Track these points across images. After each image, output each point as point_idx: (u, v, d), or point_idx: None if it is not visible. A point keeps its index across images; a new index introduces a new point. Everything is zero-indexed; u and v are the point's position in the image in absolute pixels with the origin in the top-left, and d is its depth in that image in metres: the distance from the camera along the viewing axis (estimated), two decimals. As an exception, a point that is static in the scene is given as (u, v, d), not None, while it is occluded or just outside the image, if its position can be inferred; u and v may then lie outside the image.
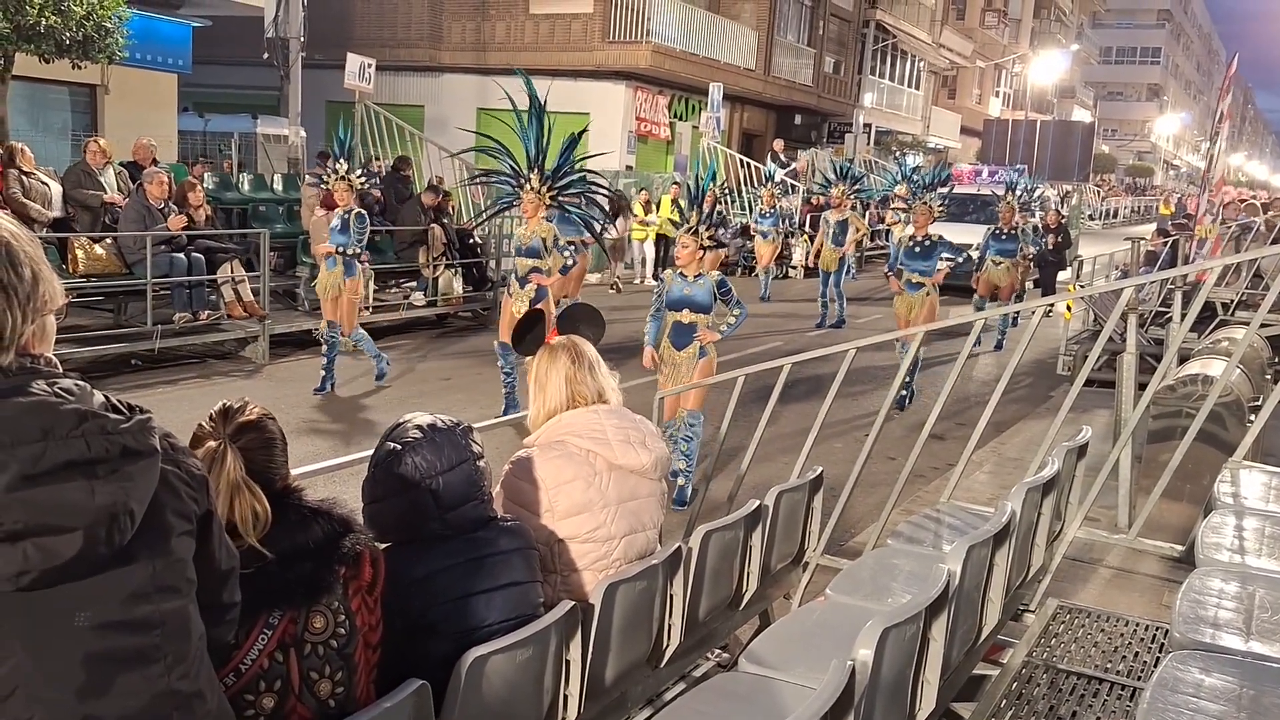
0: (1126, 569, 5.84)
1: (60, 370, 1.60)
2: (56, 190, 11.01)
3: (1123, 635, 4.46)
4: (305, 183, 14.08)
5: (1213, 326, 10.50)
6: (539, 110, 8.81)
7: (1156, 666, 3.02)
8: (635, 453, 3.30)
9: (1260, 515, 4.42)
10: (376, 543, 2.51)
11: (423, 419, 2.79)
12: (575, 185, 9.20)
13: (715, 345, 7.43)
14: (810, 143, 32.95)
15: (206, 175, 14.51)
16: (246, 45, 17.65)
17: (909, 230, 11.16)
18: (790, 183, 24.90)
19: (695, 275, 7.27)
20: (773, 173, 23.66)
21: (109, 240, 10.68)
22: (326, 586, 2.25)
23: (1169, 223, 22.65)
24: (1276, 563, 3.85)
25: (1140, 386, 6.06)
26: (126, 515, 1.53)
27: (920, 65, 41.22)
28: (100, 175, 11.21)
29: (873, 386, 10.66)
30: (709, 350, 7.34)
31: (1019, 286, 16.47)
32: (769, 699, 3.22)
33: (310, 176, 13.97)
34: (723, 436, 5.85)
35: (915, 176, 15.33)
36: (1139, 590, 5.56)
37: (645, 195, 20.36)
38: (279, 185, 15.14)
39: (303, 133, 16.59)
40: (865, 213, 23.87)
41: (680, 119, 28.32)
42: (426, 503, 2.69)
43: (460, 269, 14.42)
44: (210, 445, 2.24)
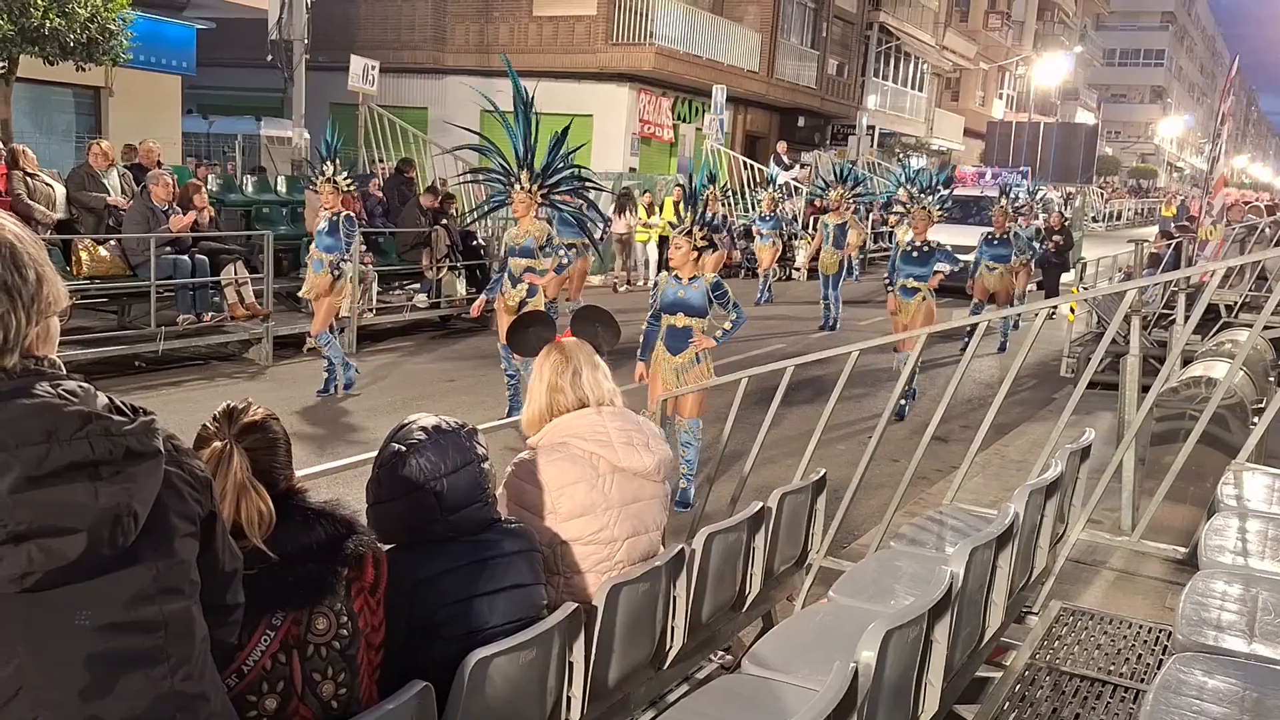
0: (1130, 571, 5.83)
1: (64, 372, 1.60)
2: (60, 192, 11.03)
3: (1126, 637, 4.46)
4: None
5: (1216, 329, 10.50)
6: (525, 108, 8.68)
7: (1160, 669, 3.01)
8: (638, 455, 3.30)
9: (1263, 517, 4.42)
10: (380, 544, 2.51)
11: (427, 420, 2.79)
12: (566, 183, 9.11)
13: (711, 352, 7.25)
14: (813, 145, 32.96)
15: (210, 177, 14.54)
16: (250, 47, 17.70)
17: (908, 235, 11.11)
18: (794, 185, 24.90)
19: (690, 278, 7.13)
20: (774, 175, 23.64)
21: (113, 242, 10.69)
22: (329, 588, 2.26)
23: (1171, 224, 22.66)
24: (1279, 565, 3.85)
25: (1143, 389, 6.06)
26: (130, 517, 1.54)
27: (924, 67, 41.23)
28: (104, 177, 11.23)
29: (875, 389, 10.66)
30: (704, 357, 7.19)
31: (1020, 291, 16.42)
32: (772, 701, 3.21)
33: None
34: (725, 439, 5.85)
35: (918, 179, 15.31)
36: (1142, 593, 5.55)
37: (649, 197, 20.38)
38: (282, 187, 15.16)
39: (306, 135, 16.60)
40: (868, 215, 23.88)
41: (683, 121, 28.34)
42: (430, 505, 2.69)
43: (463, 270, 14.43)
44: (216, 446, 2.24)
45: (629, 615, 3.14)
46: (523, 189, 8.76)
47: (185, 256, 10.92)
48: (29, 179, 10.60)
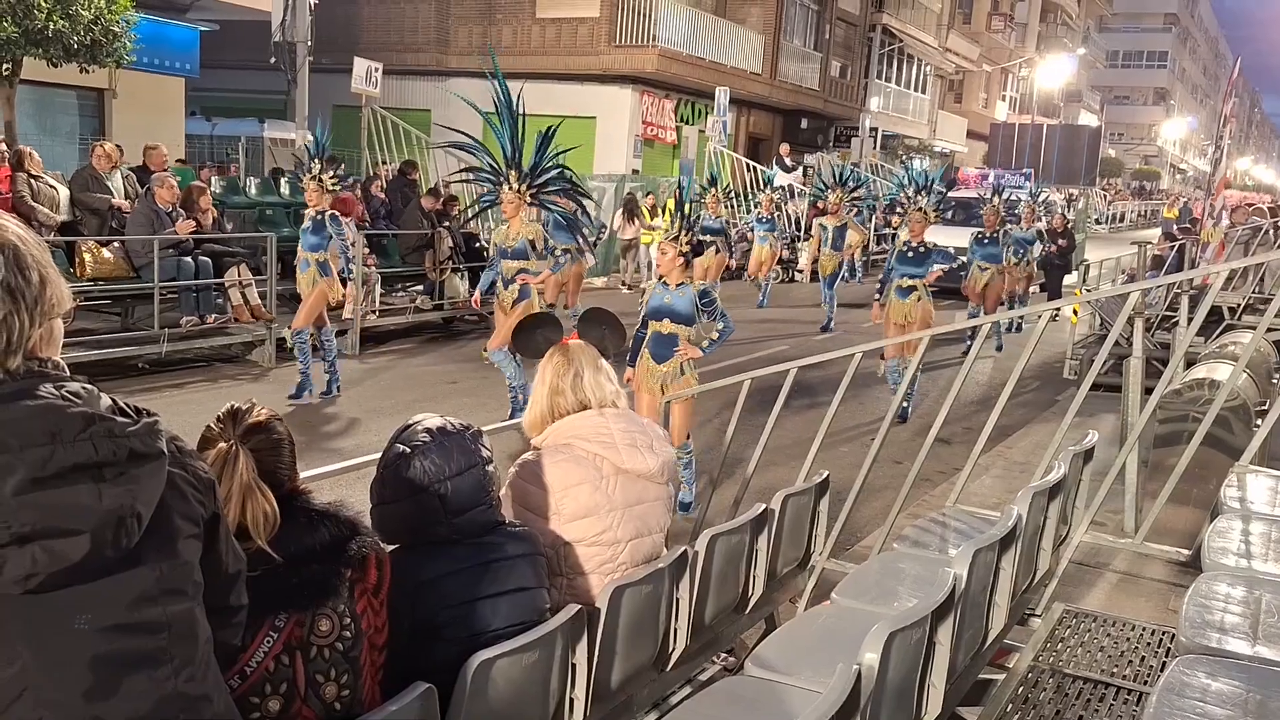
0: (1133, 573, 5.83)
1: (68, 374, 1.60)
2: (64, 194, 11.05)
3: (1129, 640, 4.45)
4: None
5: (1219, 331, 10.48)
6: (510, 107, 8.59)
7: (1163, 671, 3.01)
8: (642, 457, 3.30)
9: (1267, 520, 4.41)
10: (384, 545, 2.51)
11: (432, 422, 2.79)
12: (554, 183, 9.01)
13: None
14: (816, 147, 32.96)
15: (214, 179, 14.55)
16: (254, 49, 17.71)
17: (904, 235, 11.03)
18: (797, 187, 24.89)
19: (677, 284, 6.94)
20: (771, 177, 23.60)
21: (116, 244, 10.70)
22: (333, 589, 2.26)
23: (1174, 226, 22.64)
24: (1283, 567, 3.84)
25: (1147, 391, 6.05)
26: (134, 518, 1.54)
27: (926, 69, 41.23)
28: (108, 179, 11.25)
29: (878, 391, 10.65)
30: (689, 368, 6.97)
31: (1020, 291, 16.34)
32: (775, 703, 3.21)
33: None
34: (728, 441, 5.85)
35: (938, 181, 15.22)
36: (1145, 595, 5.54)
37: (652, 199, 20.37)
38: (286, 189, 15.17)
39: (310, 137, 16.60)
40: (871, 218, 23.83)
41: (687, 123, 28.33)
42: (434, 507, 2.69)
43: (466, 272, 14.43)
44: (221, 447, 2.24)
45: (632, 617, 3.14)
46: (511, 189, 8.71)
47: (189, 258, 10.93)
48: (33, 181, 10.61)
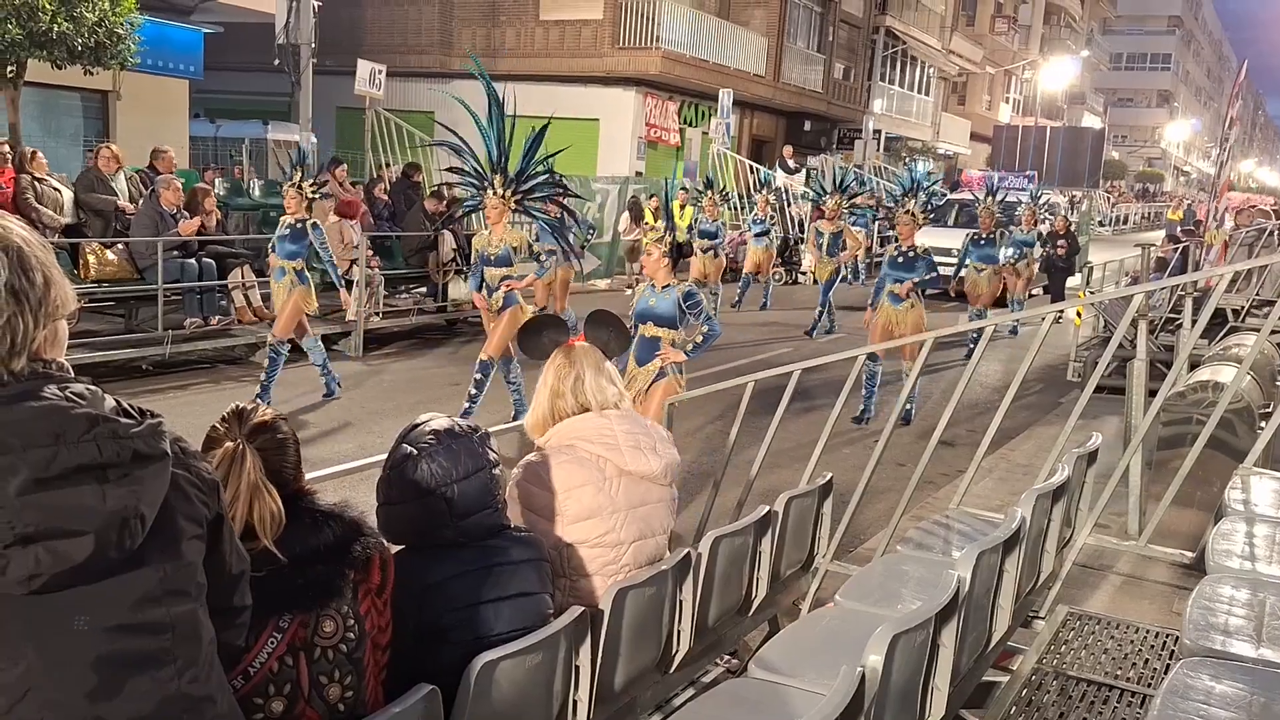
0: (1137, 576, 5.82)
1: (72, 375, 1.60)
2: (68, 196, 11.06)
3: (1133, 642, 4.44)
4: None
5: (1223, 333, 10.47)
6: (499, 110, 8.40)
7: (1167, 674, 3.01)
8: (645, 458, 3.30)
9: (1271, 522, 4.41)
10: (389, 545, 2.51)
11: (440, 423, 2.78)
12: (541, 189, 8.81)
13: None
14: (820, 149, 32.95)
15: (218, 181, 14.56)
16: (257, 51, 17.69)
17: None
18: (800, 189, 24.87)
19: (663, 286, 6.81)
20: (767, 178, 23.54)
21: (120, 246, 10.72)
22: (337, 590, 2.25)
23: (1178, 228, 22.63)
24: (1288, 570, 3.84)
25: (1150, 393, 6.04)
26: (137, 519, 1.54)
27: (930, 71, 41.22)
28: (112, 181, 11.26)
29: (882, 393, 10.64)
30: (671, 371, 6.72)
31: (1019, 294, 16.21)
32: (778, 705, 3.21)
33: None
34: (731, 443, 5.85)
35: (926, 182, 15.09)
36: (1149, 597, 5.53)
37: (655, 201, 20.34)
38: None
39: (313, 138, 16.62)
40: (874, 220, 23.76)
41: (690, 125, 28.35)
42: (441, 510, 2.68)
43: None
44: (228, 446, 2.24)
45: (635, 619, 3.13)
46: (496, 194, 8.50)
47: (192, 260, 10.95)
48: (37, 183, 10.63)
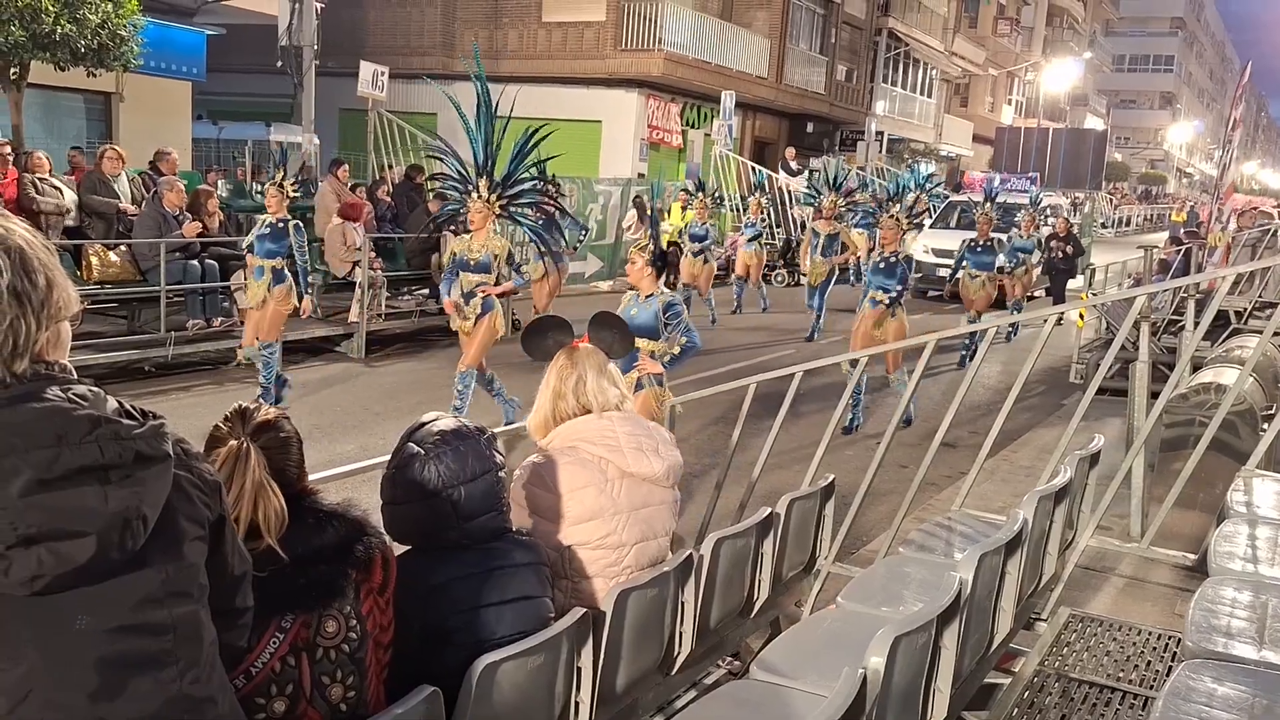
0: (1139, 578, 5.81)
1: (75, 377, 1.61)
2: (70, 198, 11.07)
3: (1135, 644, 4.44)
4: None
5: (1226, 335, 10.46)
6: (488, 111, 8.20)
7: (1169, 676, 3.01)
8: (648, 460, 3.30)
9: (1273, 524, 4.40)
10: (393, 544, 2.50)
11: (446, 423, 2.77)
12: (528, 195, 8.59)
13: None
14: (822, 151, 32.93)
15: (220, 183, 14.58)
16: (260, 53, 17.71)
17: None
18: (802, 191, 24.86)
19: (646, 295, 6.66)
20: (761, 181, 23.47)
21: (123, 247, 10.74)
22: (339, 591, 2.25)
23: (1181, 230, 22.62)
24: (1290, 572, 3.83)
25: (1153, 395, 6.04)
26: (140, 520, 1.54)
27: (933, 73, 41.20)
28: (114, 183, 11.27)
29: (884, 395, 10.64)
30: (647, 383, 6.48)
31: (1018, 299, 16.10)
32: (780, 707, 3.21)
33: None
34: (734, 445, 5.85)
35: (929, 184, 15.01)
36: (1151, 599, 5.53)
37: (657, 203, 20.33)
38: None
39: (316, 140, 16.64)
40: (877, 221, 23.69)
41: (692, 127, 28.34)
42: (446, 511, 2.68)
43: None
44: (232, 445, 2.23)
45: (637, 620, 3.13)
46: (480, 198, 8.24)
47: (195, 262, 10.96)
48: (38, 183, 10.63)
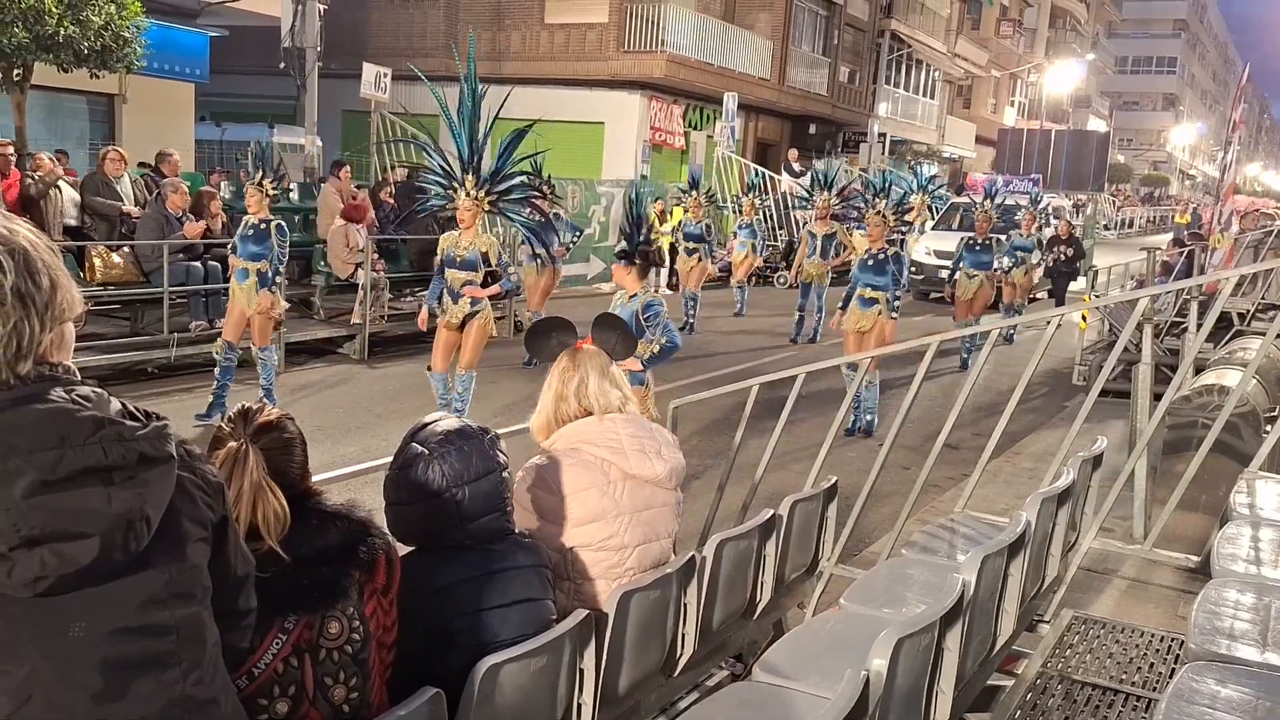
0: (1142, 580, 5.81)
1: (78, 378, 1.61)
2: (72, 197, 11.09)
3: (1138, 646, 4.44)
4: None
5: (1229, 337, 10.46)
6: (472, 105, 8.05)
7: (1172, 678, 3.00)
8: (650, 462, 3.30)
9: (1276, 526, 4.40)
10: (397, 544, 2.50)
11: (450, 423, 2.76)
12: (517, 191, 8.46)
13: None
14: (825, 152, 32.93)
15: (223, 184, 14.58)
16: (263, 55, 17.76)
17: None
18: (802, 193, 24.85)
19: (630, 295, 6.74)
20: (755, 182, 23.46)
21: (126, 249, 10.75)
22: (342, 592, 2.25)
23: (1185, 232, 22.58)
24: (1293, 574, 3.83)
25: (1156, 397, 6.04)
26: (143, 522, 1.54)
27: (935, 75, 41.20)
28: (117, 184, 11.28)
29: (887, 397, 10.64)
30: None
31: (1018, 300, 16.06)
32: (782, 709, 3.21)
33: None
34: (736, 446, 5.84)
35: (931, 185, 14.98)
36: (1154, 601, 5.53)
37: (660, 205, 20.35)
38: (295, 194, 15.19)
39: (319, 142, 16.66)
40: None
41: (695, 128, 28.34)
42: (450, 512, 2.67)
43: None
44: (231, 446, 2.23)
45: (640, 622, 3.13)
46: (468, 195, 8.09)
47: (198, 263, 10.98)
48: (39, 184, 10.65)
